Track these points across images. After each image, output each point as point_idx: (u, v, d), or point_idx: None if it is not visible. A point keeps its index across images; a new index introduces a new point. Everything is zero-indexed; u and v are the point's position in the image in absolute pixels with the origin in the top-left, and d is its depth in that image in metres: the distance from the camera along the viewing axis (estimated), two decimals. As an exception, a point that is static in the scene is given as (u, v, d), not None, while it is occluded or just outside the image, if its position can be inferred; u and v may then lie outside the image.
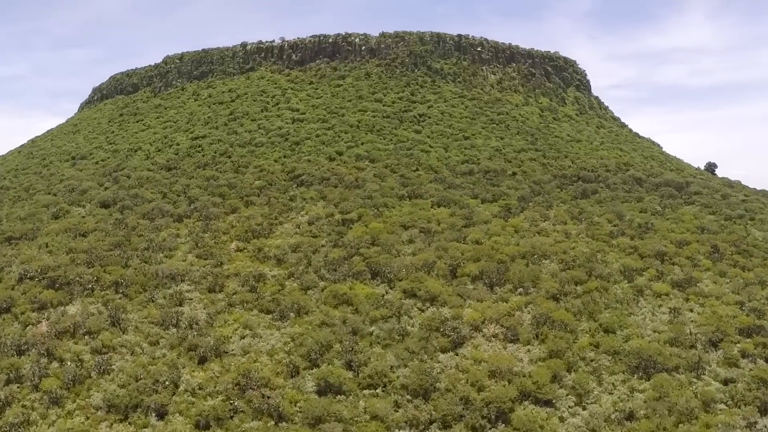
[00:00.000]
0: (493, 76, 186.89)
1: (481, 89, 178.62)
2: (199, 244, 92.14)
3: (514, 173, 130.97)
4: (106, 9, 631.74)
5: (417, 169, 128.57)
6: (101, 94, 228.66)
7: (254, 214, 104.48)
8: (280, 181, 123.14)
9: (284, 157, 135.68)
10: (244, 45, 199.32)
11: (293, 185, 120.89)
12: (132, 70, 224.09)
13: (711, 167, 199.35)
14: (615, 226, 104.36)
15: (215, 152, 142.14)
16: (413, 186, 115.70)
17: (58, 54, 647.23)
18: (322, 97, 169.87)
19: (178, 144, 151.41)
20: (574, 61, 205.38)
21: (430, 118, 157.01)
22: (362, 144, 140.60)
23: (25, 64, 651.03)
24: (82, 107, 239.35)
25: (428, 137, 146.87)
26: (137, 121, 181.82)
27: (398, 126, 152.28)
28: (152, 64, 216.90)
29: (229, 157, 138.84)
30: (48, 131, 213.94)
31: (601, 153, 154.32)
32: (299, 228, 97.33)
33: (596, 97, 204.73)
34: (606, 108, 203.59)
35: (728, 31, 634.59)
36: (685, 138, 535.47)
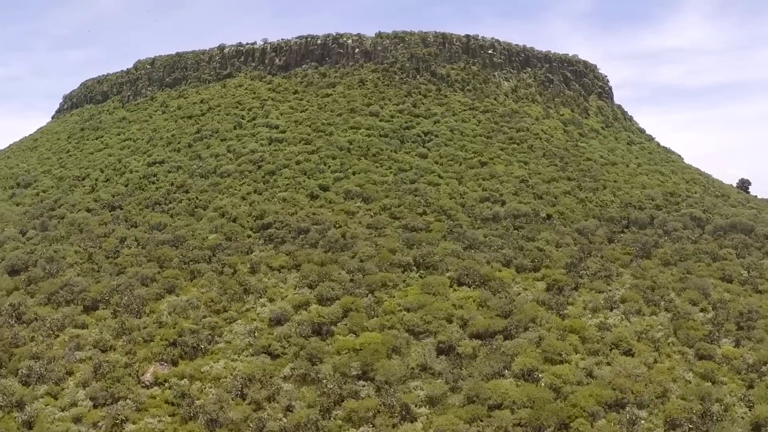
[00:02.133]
0: (506, 83, 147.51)
1: (495, 99, 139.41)
2: (100, 371, 54.74)
3: (549, 216, 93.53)
4: (105, 10, 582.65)
5: (425, 212, 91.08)
6: (71, 103, 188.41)
7: (195, 299, 66.92)
8: (244, 232, 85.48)
9: (254, 192, 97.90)
10: (221, 48, 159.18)
11: (259, 240, 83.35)
12: (103, 75, 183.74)
13: (744, 185, 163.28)
14: (703, 310, 69.26)
15: (171, 184, 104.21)
16: (422, 247, 77.93)
17: (55, 55, 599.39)
18: (307, 109, 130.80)
19: (131, 171, 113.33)
20: (595, 66, 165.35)
21: (437, 136, 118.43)
22: (354, 174, 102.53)
23: (24, 66, 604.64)
24: (54, 116, 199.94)
25: (436, 163, 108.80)
26: (97, 138, 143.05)
27: (399, 148, 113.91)
28: (124, 69, 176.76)
29: (187, 192, 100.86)
30: (9, 146, 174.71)
31: (642, 179, 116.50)
32: (254, 335, 59.54)
33: (619, 106, 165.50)
34: (630, 118, 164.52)
35: (726, 31, 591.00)
36: (683, 137, 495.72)
